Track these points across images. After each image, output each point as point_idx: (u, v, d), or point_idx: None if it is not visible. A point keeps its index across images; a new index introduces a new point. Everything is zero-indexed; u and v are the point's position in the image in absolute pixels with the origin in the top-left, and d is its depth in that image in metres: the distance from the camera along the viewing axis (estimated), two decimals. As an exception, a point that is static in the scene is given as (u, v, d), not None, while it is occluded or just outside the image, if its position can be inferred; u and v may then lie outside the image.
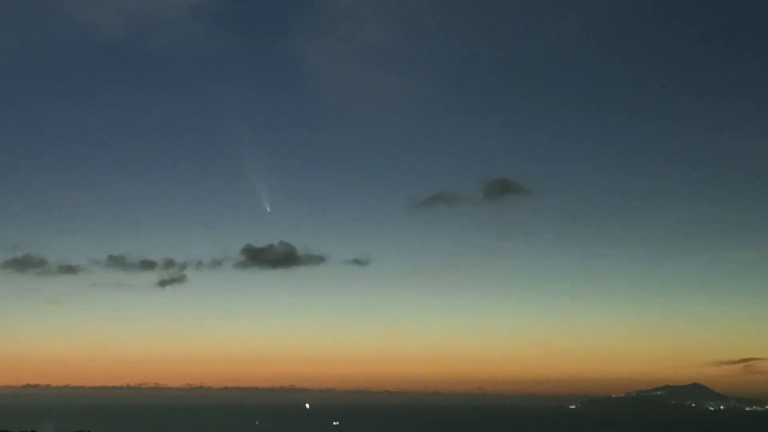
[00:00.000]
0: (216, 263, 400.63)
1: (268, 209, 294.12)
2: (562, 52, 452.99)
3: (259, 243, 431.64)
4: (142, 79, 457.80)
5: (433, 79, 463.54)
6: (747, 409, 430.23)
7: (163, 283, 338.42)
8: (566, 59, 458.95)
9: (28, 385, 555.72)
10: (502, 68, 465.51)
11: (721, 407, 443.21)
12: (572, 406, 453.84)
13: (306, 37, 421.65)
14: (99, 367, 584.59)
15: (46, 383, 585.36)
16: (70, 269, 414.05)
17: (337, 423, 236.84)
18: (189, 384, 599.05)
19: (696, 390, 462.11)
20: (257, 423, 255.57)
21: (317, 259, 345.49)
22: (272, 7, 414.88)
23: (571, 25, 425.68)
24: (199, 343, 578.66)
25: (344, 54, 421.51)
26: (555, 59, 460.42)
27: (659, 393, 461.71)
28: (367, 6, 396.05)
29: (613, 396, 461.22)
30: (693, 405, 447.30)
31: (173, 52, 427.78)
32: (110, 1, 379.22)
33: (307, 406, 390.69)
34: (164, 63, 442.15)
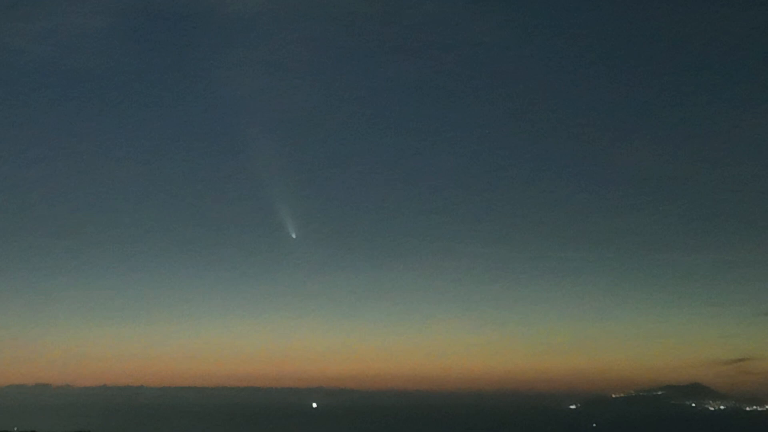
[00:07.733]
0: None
1: (294, 236, 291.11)
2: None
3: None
4: (62, 96, 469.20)
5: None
6: (747, 409, 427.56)
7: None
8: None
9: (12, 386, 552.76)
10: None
11: (721, 407, 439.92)
12: (572, 406, 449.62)
13: (210, 51, 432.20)
14: (83, 366, 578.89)
15: (22, 383, 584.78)
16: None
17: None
18: (171, 384, 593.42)
19: (696, 390, 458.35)
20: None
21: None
22: (178, 22, 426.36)
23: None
24: (181, 341, 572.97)
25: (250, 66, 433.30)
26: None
27: (659, 393, 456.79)
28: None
29: (613, 396, 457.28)
30: (693, 405, 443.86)
31: (89, 69, 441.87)
32: (27, 23, 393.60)
33: (314, 405, 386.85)
34: (83, 80, 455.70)
